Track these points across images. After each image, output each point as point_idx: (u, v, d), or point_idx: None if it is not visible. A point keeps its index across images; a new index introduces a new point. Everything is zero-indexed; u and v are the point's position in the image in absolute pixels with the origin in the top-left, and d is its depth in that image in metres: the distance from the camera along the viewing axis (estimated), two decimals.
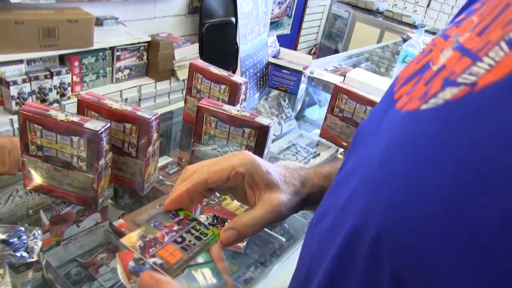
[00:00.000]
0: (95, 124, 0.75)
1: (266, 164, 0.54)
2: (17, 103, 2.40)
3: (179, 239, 0.50)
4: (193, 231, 0.51)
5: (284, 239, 1.19)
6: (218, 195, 1.03)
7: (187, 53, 3.16)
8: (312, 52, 4.66)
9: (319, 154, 1.50)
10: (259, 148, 0.92)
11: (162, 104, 3.09)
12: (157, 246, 0.48)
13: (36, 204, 0.91)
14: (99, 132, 0.75)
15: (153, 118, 0.83)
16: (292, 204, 0.53)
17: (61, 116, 0.76)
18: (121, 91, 2.83)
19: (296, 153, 1.51)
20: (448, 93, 0.30)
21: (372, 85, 1.39)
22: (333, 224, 0.38)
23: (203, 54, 3.05)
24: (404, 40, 2.84)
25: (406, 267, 0.28)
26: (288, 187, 0.54)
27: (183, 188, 0.50)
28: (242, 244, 0.89)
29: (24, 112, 0.77)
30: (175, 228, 0.51)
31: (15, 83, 2.35)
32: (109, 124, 0.77)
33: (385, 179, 0.32)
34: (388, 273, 0.30)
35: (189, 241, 0.50)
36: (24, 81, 2.39)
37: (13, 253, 0.67)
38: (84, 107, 0.85)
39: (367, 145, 0.39)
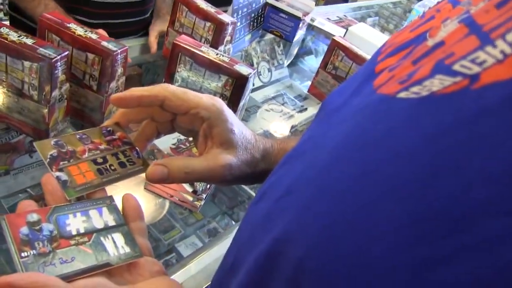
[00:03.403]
0: (50, 51, 0.67)
1: (235, 123, 0.47)
2: None
3: (100, 160, 0.43)
4: (120, 156, 0.44)
5: (254, 194, 1.15)
6: (190, 139, 0.97)
7: None
8: None
9: (306, 109, 1.43)
10: (234, 99, 0.85)
11: None
12: (71, 160, 0.41)
13: None
14: (53, 60, 0.67)
15: (119, 51, 0.75)
16: (240, 174, 0.47)
17: (13, 36, 0.68)
18: None
19: (283, 104, 1.44)
20: (437, 83, 0.22)
21: (375, 44, 1.29)
22: (268, 214, 0.30)
23: None
24: None
25: None
26: (245, 155, 0.48)
27: (138, 92, 0.43)
28: (199, 203, 0.84)
29: None
30: (102, 147, 0.44)
31: None
32: (66, 52, 0.69)
33: (323, 189, 0.25)
34: None
35: (110, 165, 0.43)
36: None
37: None
38: (45, 29, 0.76)
39: (330, 122, 0.32)
